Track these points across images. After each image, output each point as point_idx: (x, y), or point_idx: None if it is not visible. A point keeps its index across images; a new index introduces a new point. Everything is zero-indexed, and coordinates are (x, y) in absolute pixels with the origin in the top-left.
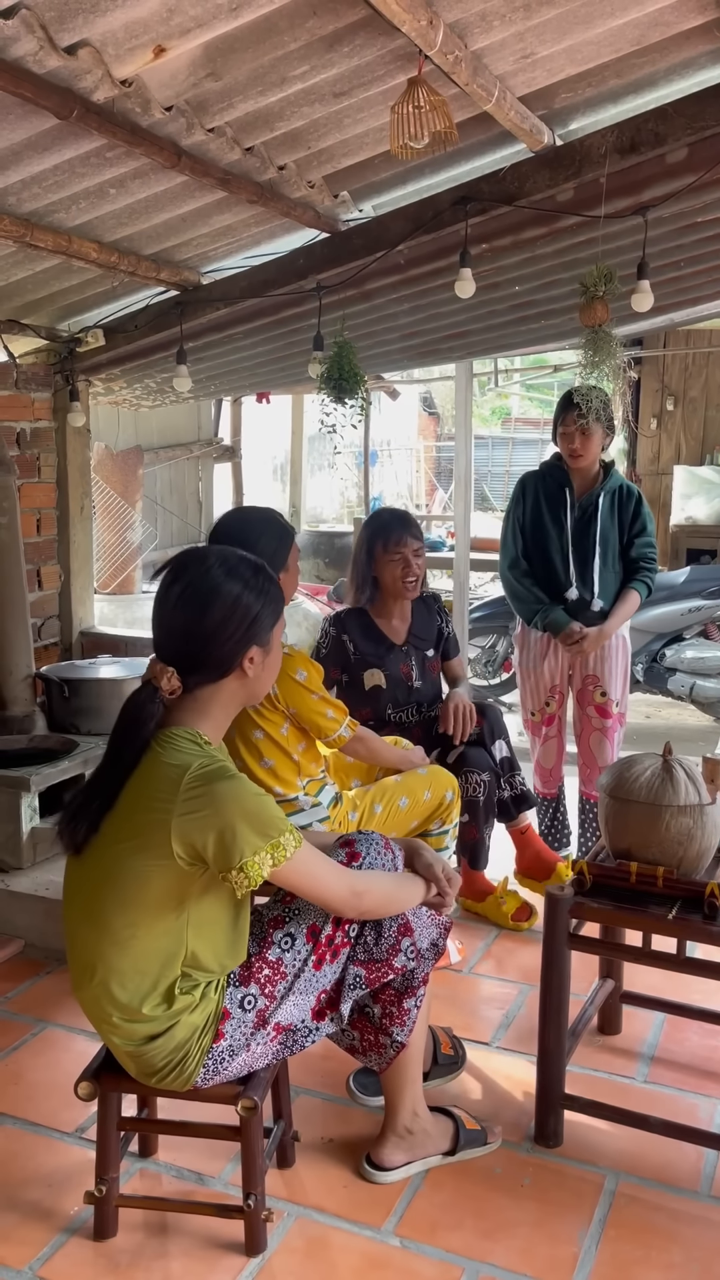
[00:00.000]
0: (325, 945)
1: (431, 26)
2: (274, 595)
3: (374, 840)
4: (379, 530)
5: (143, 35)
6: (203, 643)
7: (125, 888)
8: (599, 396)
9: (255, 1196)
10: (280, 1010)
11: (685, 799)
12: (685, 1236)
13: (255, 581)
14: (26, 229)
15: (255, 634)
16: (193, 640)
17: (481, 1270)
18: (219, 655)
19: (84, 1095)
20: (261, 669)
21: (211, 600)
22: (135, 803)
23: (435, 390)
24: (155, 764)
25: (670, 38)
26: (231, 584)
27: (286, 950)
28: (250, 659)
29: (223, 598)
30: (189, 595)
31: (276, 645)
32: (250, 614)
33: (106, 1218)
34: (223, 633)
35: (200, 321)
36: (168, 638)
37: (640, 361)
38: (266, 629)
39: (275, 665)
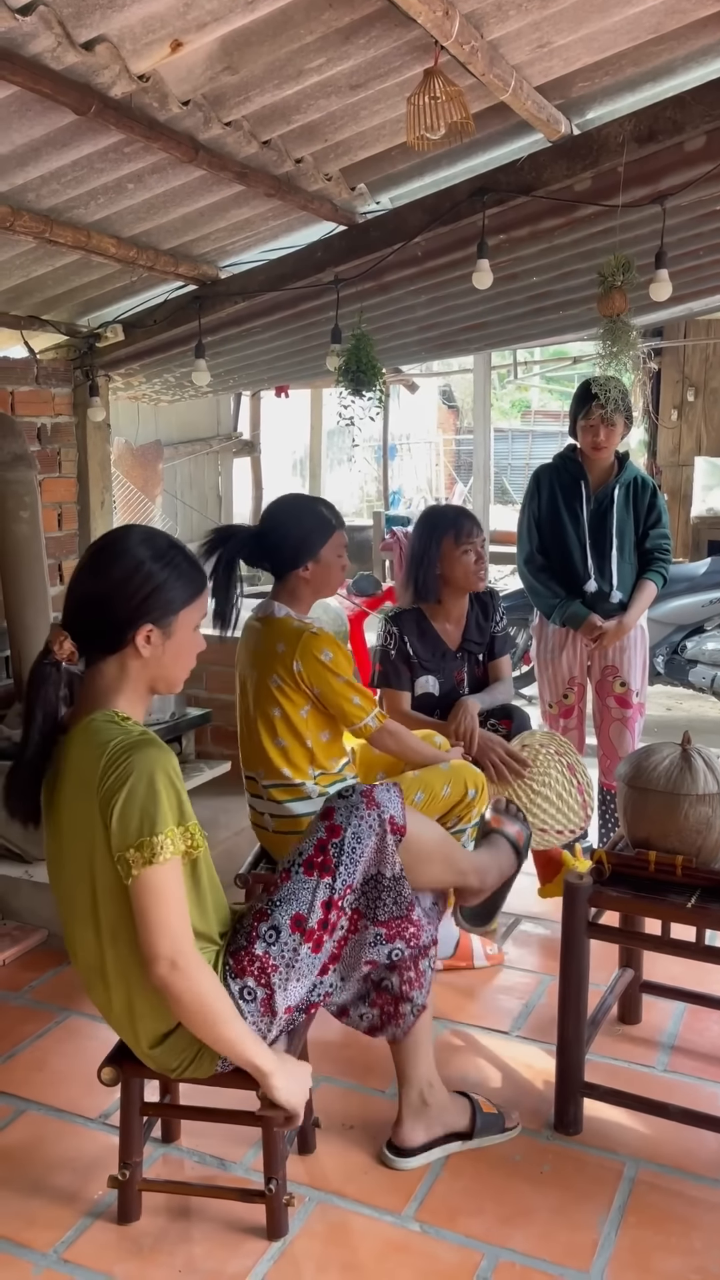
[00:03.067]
0: (319, 929)
1: (447, 17)
2: (186, 576)
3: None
4: (449, 524)
5: (160, 30)
6: (95, 607)
7: (100, 881)
8: (618, 387)
9: (277, 1181)
10: (284, 996)
11: (704, 788)
12: (705, 1223)
13: (166, 556)
14: (46, 225)
15: (151, 609)
16: (87, 604)
17: (501, 1256)
18: (110, 622)
19: (107, 1080)
20: (162, 652)
21: (111, 564)
22: (74, 792)
23: (454, 383)
24: (82, 748)
25: (688, 25)
26: (138, 551)
27: (271, 944)
28: (146, 637)
29: (123, 563)
30: (94, 560)
31: (184, 635)
32: (149, 585)
33: (130, 1202)
34: (115, 599)
35: (219, 315)
36: (68, 601)
37: (660, 352)
38: (168, 609)
39: (182, 655)
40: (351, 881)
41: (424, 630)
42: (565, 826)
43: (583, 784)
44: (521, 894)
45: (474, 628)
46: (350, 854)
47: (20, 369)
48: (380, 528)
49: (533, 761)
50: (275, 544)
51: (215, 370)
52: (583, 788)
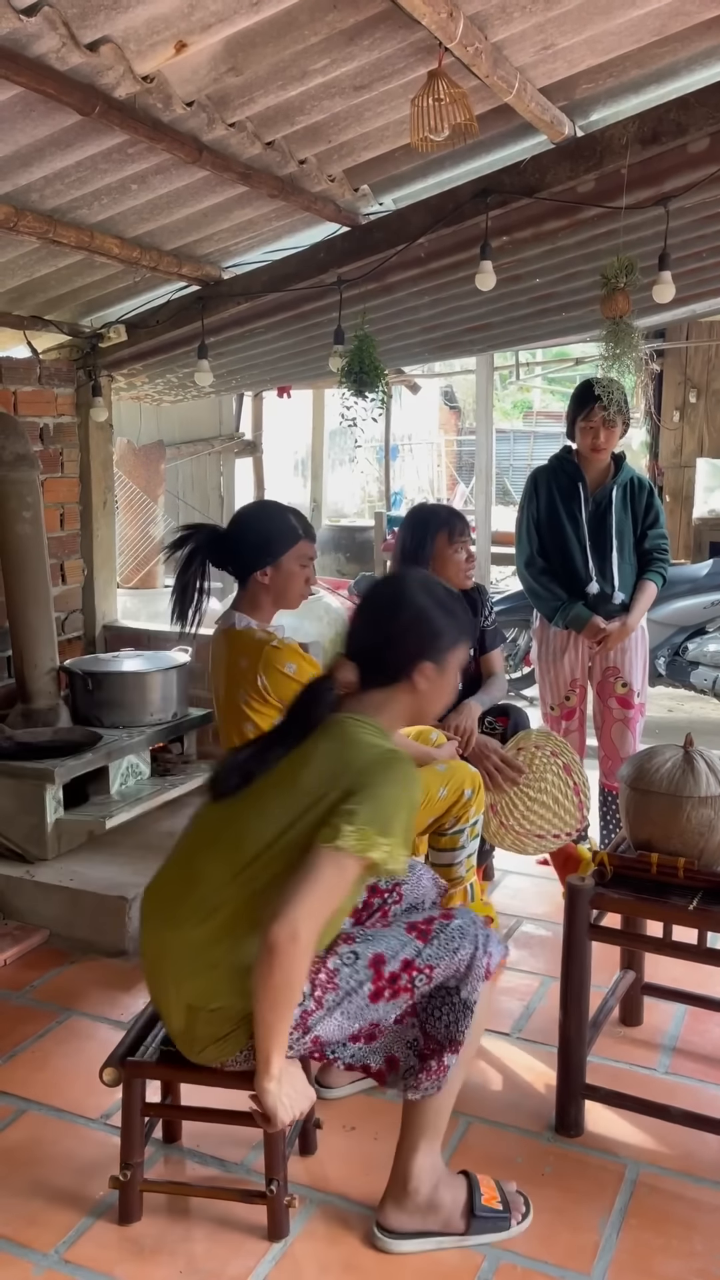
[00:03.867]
0: (386, 980)
1: (452, 19)
2: (462, 623)
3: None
4: (441, 523)
5: (164, 31)
6: (383, 644)
7: (278, 835)
8: (617, 388)
9: (278, 1182)
10: (323, 1022)
11: (706, 790)
12: (706, 1225)
13: (445, 603)
14: (49, 225)
15: (431, 648)
16: (371, 642)
17: (503, 1258)
18: (395, 659)
19: (109, 1081)
20: (432, 687)
21: (399, 607)
22: (312, 765)
23: (456, 384)
24: (340, 738)
25: (691, 27)
26: (421, 598)
27: (347, 965)
28: (423, 672)
29: (409, 607)
30: (382, 600)
31: (452, 675)
32: (431, 628)
33: (131, 1202)
34: (402, 639)
35: (221, 316)
36: (354, 635)
37: (663, 354)
38: (444, 648)
39: (446, 692)
40: (435, 964)
41: None
42: (562, 830)
43: (579, 784)
44: (522, 896)
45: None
46: (447, 942)
47: (23, 369)
48: (382, 528)
49: (529, 765)
50: (237, 545)
51: (218, 371)
52: (579, 788)
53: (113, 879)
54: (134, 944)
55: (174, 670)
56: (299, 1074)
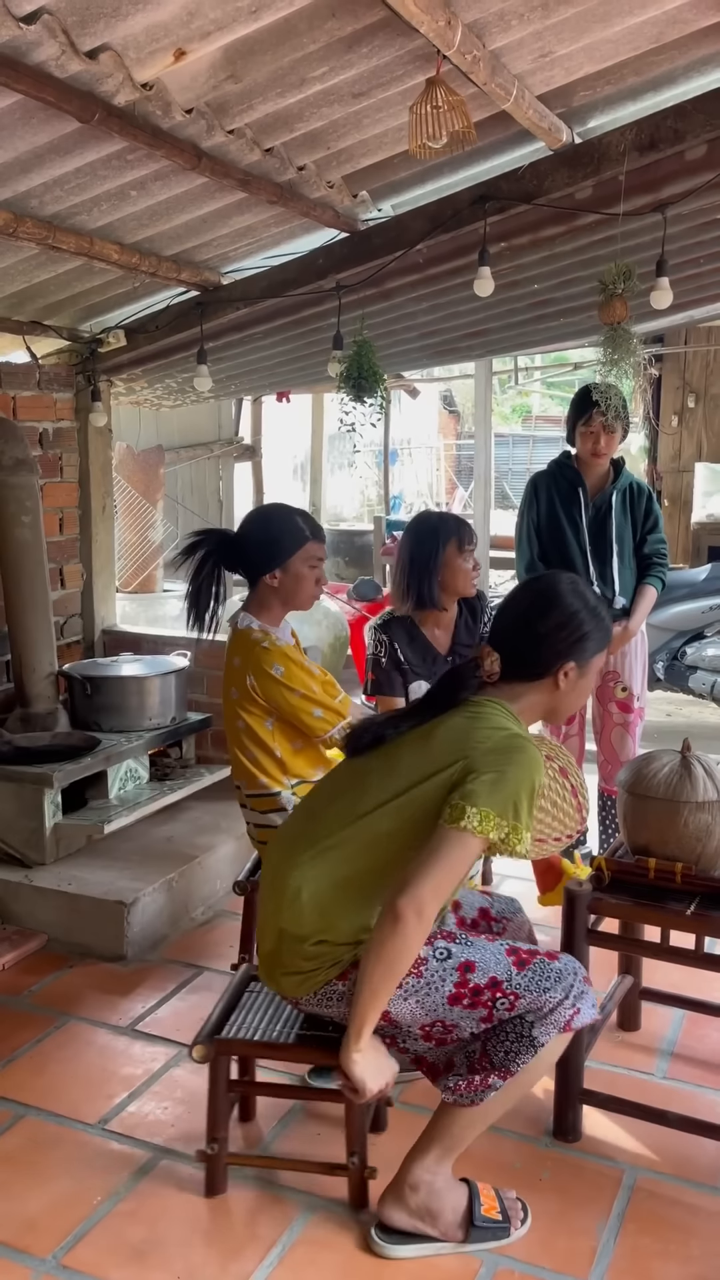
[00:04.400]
0: (469, 989)
1: (450, 27)
2: (606, 629)
3: (577, 973)
4: (451, 531)
5: (163, 39)
6: (532, 640)
7: (412, 806)
8: (616, 394)
9: (358, 1155)
10: (398, 1005)
11: (703, 795)
12: (703, 1230)
13: (595, 609)
14: (49, 231)
15: (577, 651)
16: (524, 636)
17: (500, 1263)
18: (542, 656)
19: (198, 1058)
20: (570, 688)
21: (552, 606)
22: (441, 734)
23: (456, 388)
24: (472, 717)
25: (689, 35)
26: (573, 601)
27: (438, 959)
28: (566, 672)
29: (562, 608)
30: (536, 599)
31: (590, 678)
32: (580, 631)
33: (217, 1175)
34: (552, 638)
35: (220, 321)
36: (504, 629)
37: (661, 359)
38: (589, 652)
39: (583, 694)
40: (521, 993)
41: (413, 636)
42: (563, 833)
43: (576, 786)
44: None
45: (463, 631)
46: (541, 978)
47: (23, 374)
48: (381, 532)
49: None
50: (246, 548)
51: (217, 376)
52: (576, 790)
53: (111, 883)
54: (132, 949)
55: (173, 675)
56: (382, 1048)
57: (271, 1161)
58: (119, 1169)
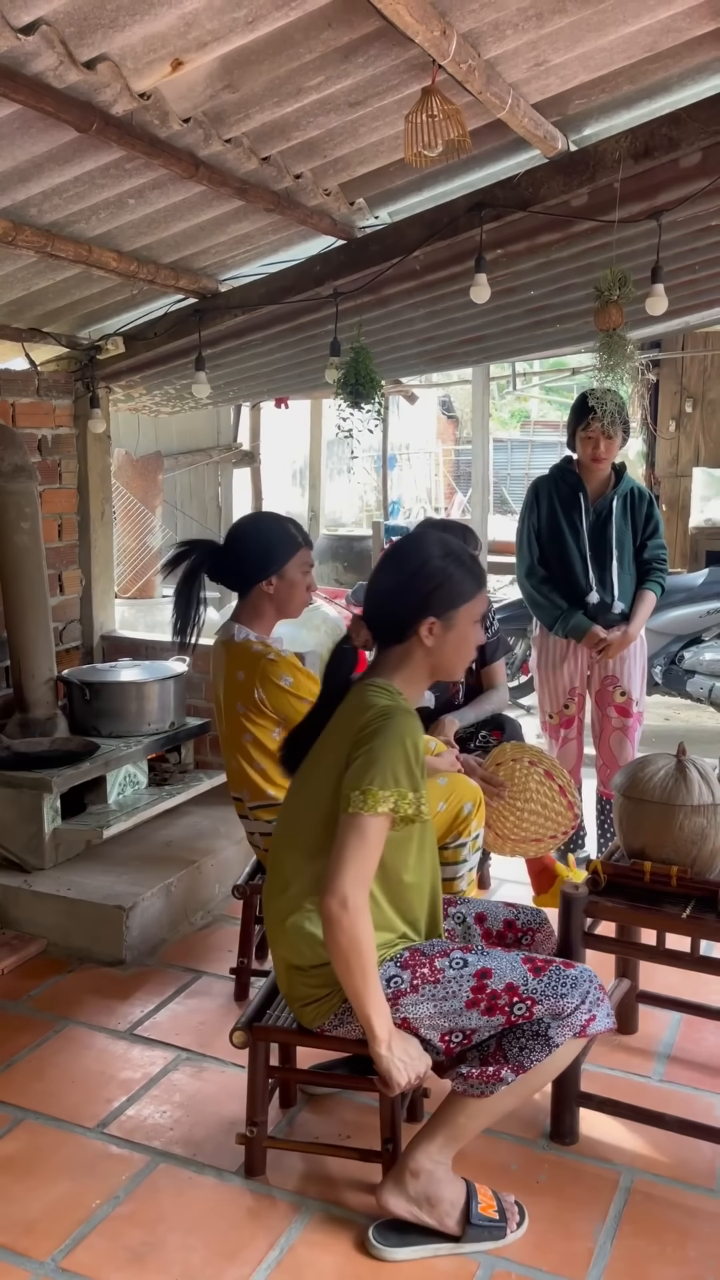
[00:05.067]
0: (485, 995)
1: (445, 37)
2: (473, 576)
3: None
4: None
5: (161, 49)
6: (386, 600)
7: (322, 809)
8: (614, 399)
9: (394, 1142)
10: (414, 1008)
11: (699, 799)
12: (700, 1233)
13: (452, 557)
14: (48, 239)
15: (434, 603)
16: (379, 598)
17: (497, 1265)
18: (395, 617)
19: (238, 1043)
20: (444, 643)
21: (404, 562)
22: (333, 737)
23: (454, 394)
24: (352, 706)
25: (683, 43)
26: (428, 550)
27: (454, 969)
28: (428, 629)
29: (412, 561)
30: (391, 556)
31: (465, 629)
32: (433, 581)
33: (256, 1157)
34: (403, 593)
35: (219, 328)
36: (366, 595)
37: (659, 364)
38: (450, 604)
39: (463, 647)
40: (538, 999)
41: None
42: (557, 831)
43: (563, 785)
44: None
45: None
46: (557, 984)
47: (21, 381)
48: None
49: (510, 778)
50: (239, 557)
51: (215, 382)
52: (564, 789)
53: (110, 888)
54: (131, 953)
55: (171, 680)
56: (411, 1040)
57: (307, 1146)
58: (118, 1172)
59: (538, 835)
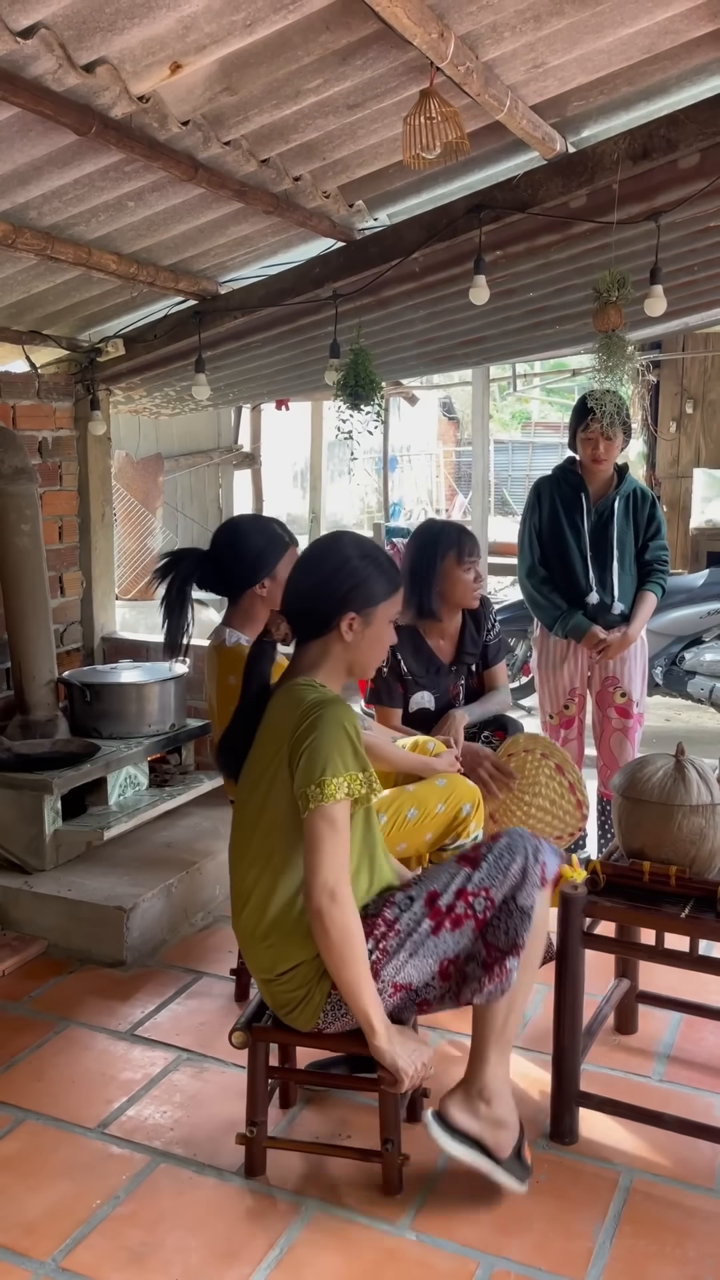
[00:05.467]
0: (444, 913)
1: (443, 39)
2: (388, 576)
3: (522, 834)
4: (451, 542)
5: (159, 52)
6: (306, 596)
7: (268, 816)
8: (613, 400)
9: (393, 1141)
10: (393, 966)
11: (697, 799)
12: (699, 1232)
13: (371, 556)
14: (48, 242)
15: (354, 600)
16: (300, 594)
17: (497, 1265)
18: (319, 610)
19: (237, 1044)
20: (361, 639)
21: (323, 560)
22: (269, 742)
23: (455, 395)
24: (281, 707)
25: (681, 45)
26: (347, 550)
27: (404, 910)
28: (348, 624)
29: (332, 559)
30: (309, 555)
31: (381, 627)
32: (353, 580)
33: (256, 1157)
34: (323, 590)
35: (218, 330)
36: (286, 589)
37: (659, 365)
38: (369, 601)
39: (378, 644)
40: (489, 886)
41: (418, 647)
42: (564, 831)
43: (573, 782)
44: None
45: (468, 640)
46: (498, 860)
47: (22, 383)
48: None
49: (520, 770)
50: (230, 562)
51: (215, 384)
52: (573, 787)
53: (111, 889)
54: (131, 954)
55: (172, 681)
56: (411, 1034)
57: (307, 1146)
58: (118, 1172)
59: (543, 833)
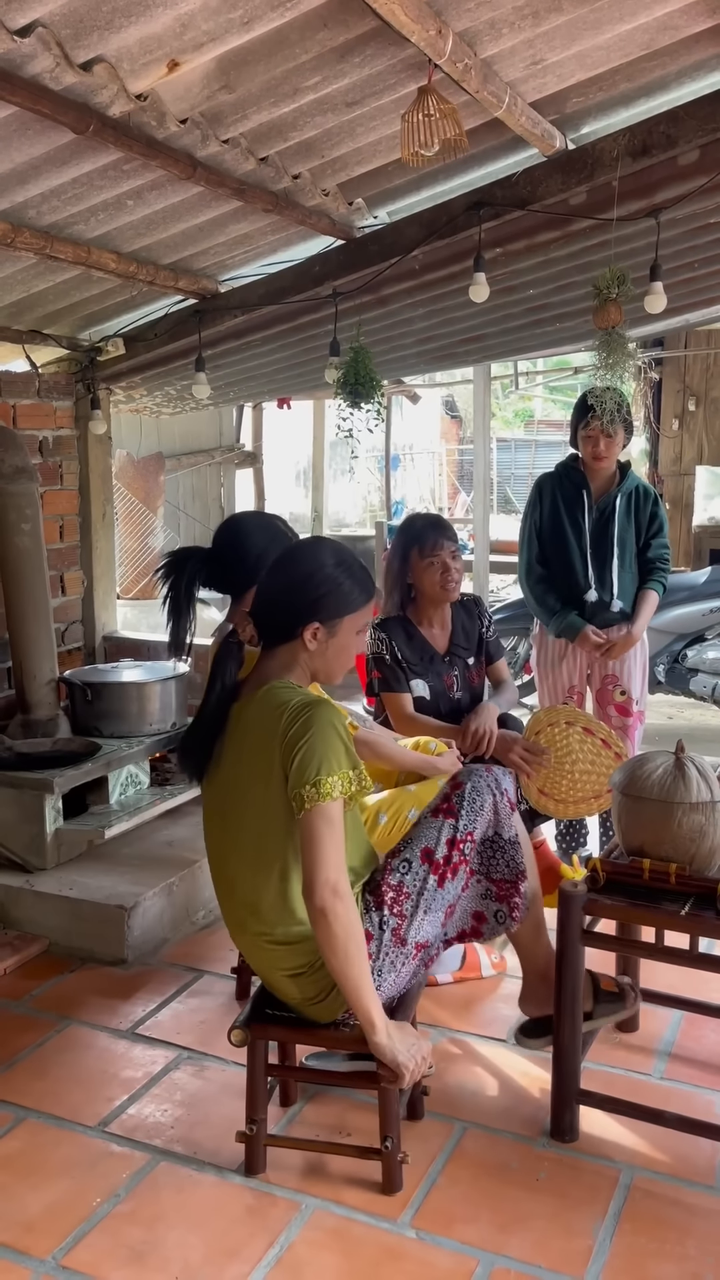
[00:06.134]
0: (443, 864)
1: (441, 36)
2: (362, 587)
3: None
4: (414, 536)
5: (157, 50)
6: (271, 602)
7: (258, 819)
8: (614, 397)
9: (392, 1139)
10: (413, 927)
11: (697, 796)
12: (699, 1230)
13: (346, 565)
14: (47, 241)
15: (319, 610)
16: (267, 598)
17: (497, 1262)
18: (281, 617)
19: (236, 1041)
20: (325, 648)
21: (295, 565)
22: (252, 743)
23: (457, 393)
24: (263, 709)
25: (680, 41)
26: (322, 557)
27: (405, 873)
28: (312, 634)
29: (305, 565)
30: (282, 559)
31: (346, 638)
32: (322, 589)
33: (255, 1155)
34: (287, 597)
35: (219, 329)
36: (256, 593)
37: (661, 362)
38: (335, 612)
39: (343, 654)
40: (472, 829)
41: (411, 635)
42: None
43: (605, 738)
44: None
45: (460, 632)
46: (470, 803)
47: (22, 382)
48: (383, 538)
49: (551, 744)
50: (235, 561)
51: (215, 383)
52: (607, 741)
53: (112, 888)
54: (133, 953)
55: (173, 680)
56: (409, 1029)
57: (307, 1144)
58: (118, 1170)
59: (595, 791)
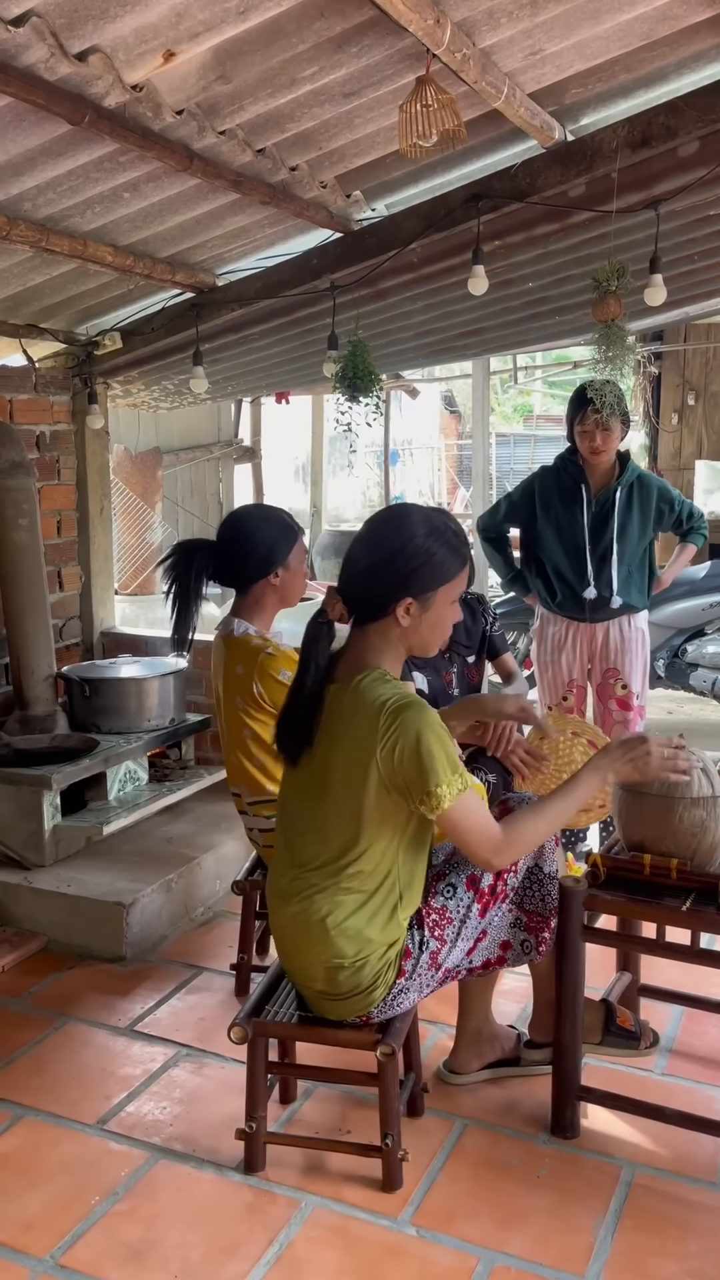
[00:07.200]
0: (488, 894)
1: (439, 25)
2: (456, 554)
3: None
4: None
5: (152, 40)
6: (363, 578)
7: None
8: (612, 391)
9: (392, 1136)
10: (449, 953)
11: (698, 791)
12: (701, 1226)
13: (434, 535)
14: (43, 234)
15: (411, 584)
16: (356, 575)
17: (497, 1259)
18: (373, 595)
19: (236, 1039)
20: (419, 623)
21: (386, 539)
22: (346, 734)
23: (457, 388)
24: (357, 702)
25: (680, 31)
26: (412, 528)
27: (449, 898)
28: (405, 609)
29: (395, 538)
30: (371, 531)
31: (441, 609)
32: (414, 563)
33: (255, 1153)
34: (382, 573)
35: (216, 323)
36: (343, 569)
37: (661, 356)
38: (429, 584)
39: (438, 627)
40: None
41: None
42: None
43: None
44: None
45: (461, 630)
46: None
47: (19, 377)
48: None
49: (554, 752)
50: (244, 554)
51: (213, 377)
52: None
53: (110, 885)
54: (131, 950)
55: (171, 676)
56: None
57: (306, 1142)
58: (117, 1168)
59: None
